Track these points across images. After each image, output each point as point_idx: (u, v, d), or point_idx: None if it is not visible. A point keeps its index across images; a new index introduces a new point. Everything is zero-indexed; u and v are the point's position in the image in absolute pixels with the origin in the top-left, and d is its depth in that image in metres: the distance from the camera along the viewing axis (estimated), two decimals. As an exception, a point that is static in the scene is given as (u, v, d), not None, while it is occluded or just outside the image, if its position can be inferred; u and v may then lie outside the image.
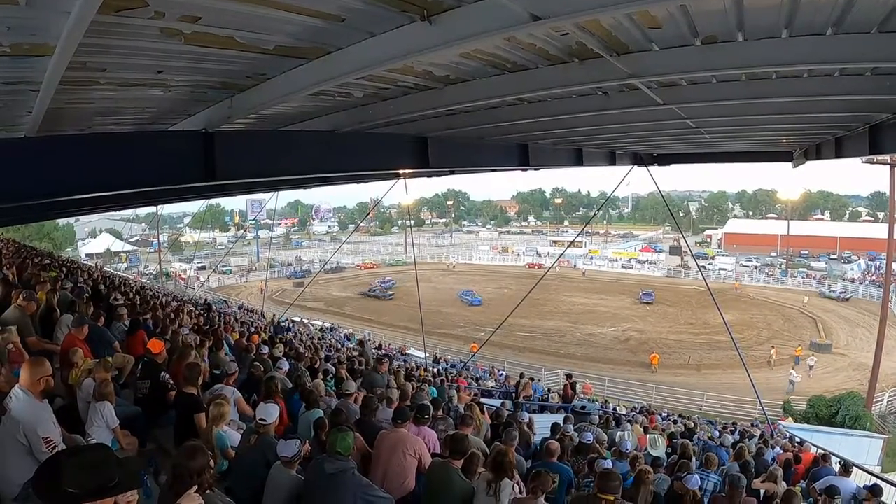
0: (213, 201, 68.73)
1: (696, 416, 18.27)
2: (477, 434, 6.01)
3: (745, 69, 4.04)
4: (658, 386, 25.84)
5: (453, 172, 12.44)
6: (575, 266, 60.23)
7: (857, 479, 8.42)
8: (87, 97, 4.14)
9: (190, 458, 2.64)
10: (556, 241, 74.58)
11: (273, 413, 4.20)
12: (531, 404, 13.91)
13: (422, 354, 24.46)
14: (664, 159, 11.95)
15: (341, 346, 21.96)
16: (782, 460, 8.83)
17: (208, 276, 48.47)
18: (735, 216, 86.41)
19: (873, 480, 7.82)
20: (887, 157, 23.03)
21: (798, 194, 61.51)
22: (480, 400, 11.14)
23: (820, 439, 13.89)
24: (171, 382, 5.54)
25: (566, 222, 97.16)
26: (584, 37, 3.33)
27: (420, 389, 8.17)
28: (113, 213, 49.17)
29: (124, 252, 66.37)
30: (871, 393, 22.45)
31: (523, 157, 8.77)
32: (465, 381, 17.57)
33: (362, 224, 79.56)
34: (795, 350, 30.11)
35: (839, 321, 37.28)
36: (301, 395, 5.74)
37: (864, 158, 21.16)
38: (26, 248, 26.32)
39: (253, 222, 77.80)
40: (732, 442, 10.30)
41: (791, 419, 20.33)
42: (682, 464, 6.31)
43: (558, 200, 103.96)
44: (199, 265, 61.52)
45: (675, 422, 14.91)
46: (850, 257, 60.19)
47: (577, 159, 10.31)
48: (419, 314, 20.80)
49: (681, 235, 46.25)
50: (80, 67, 3.16)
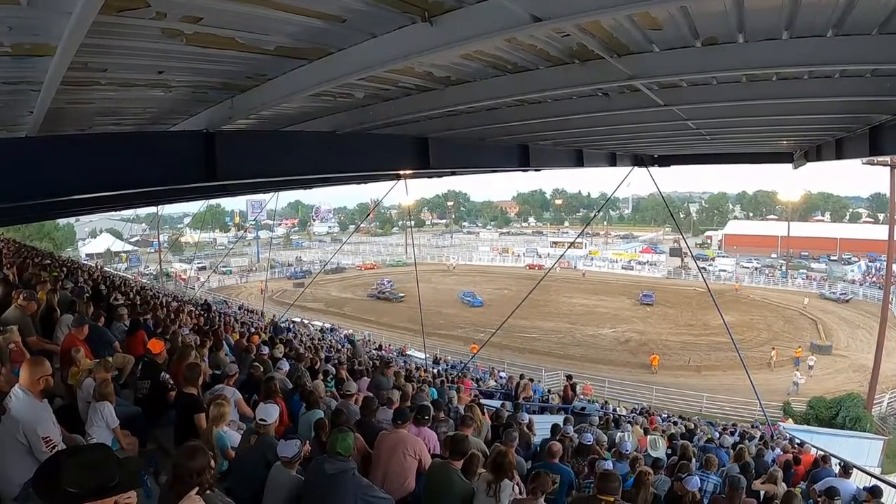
0: (214, 202, 68.94)
1: (696, 417, 18.26)
2: (477, 435, 6.01)
3: (746, 70, 4.04)
4: (658, 387, 25.83)
5: (454, 173, 12.46)
6: (575, 267, 60.22)
7: (857, 480, 8.41)
8: (88, 97, 4.15)
9: (190, 459, 2.63)
10: (556, 242, 74.55)
11: (273, 413, 4.20)
12: (531, 405, 13.92)
13: (422, 355, 24.46)
14: (664, 160, 11.95)
15: (341, 346, 21.96)
16: (782, 462, 8.83)
17: (208, 277, 48.50)
18: (735, 217, 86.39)
19: (873, 482, 7.81)
20: (887, 159, 23.04)
21: (798, 196, 61.44)
22: (481, 401, 11.14)
23: (820, 441, 13.87)
24: (172, 382, 5.54)
25: (566, 223, 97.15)
26: (585, 38, 3.34)
27: (420, 390, 8.17)
28: (113, 213, 49.11)
29: (124, 252, 66.41)
30: (872, 394, 22.45)
31: (524, 158, 8.77)
32: (469, 383, 17.57)
33: (363, 225, 79.50)
34: (796, 351, 30.11)
35: (839, 322, 37.28)
36: (301, 395, 5.75)
37: (865, 160, 21.18)
38: (26, 248, 26.32)
39: (253, 223, 77.87)
40: (732, 443, 10.30)
41: (791, 420, 20.32)
42: (682, 465, 6.31)
43: (559, 201, 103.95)
44: (200, 265, 61.51)
45: (675, 423, 14.91)
46: (850, 259, 60.17)
47: (578, 160, 10.31)
48: (419, 315, 20.81)
49: (681, 236, 46.29)
50: (82, 68, 3.17)
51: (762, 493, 6.70)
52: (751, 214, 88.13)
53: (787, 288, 49.10)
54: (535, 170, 11.15)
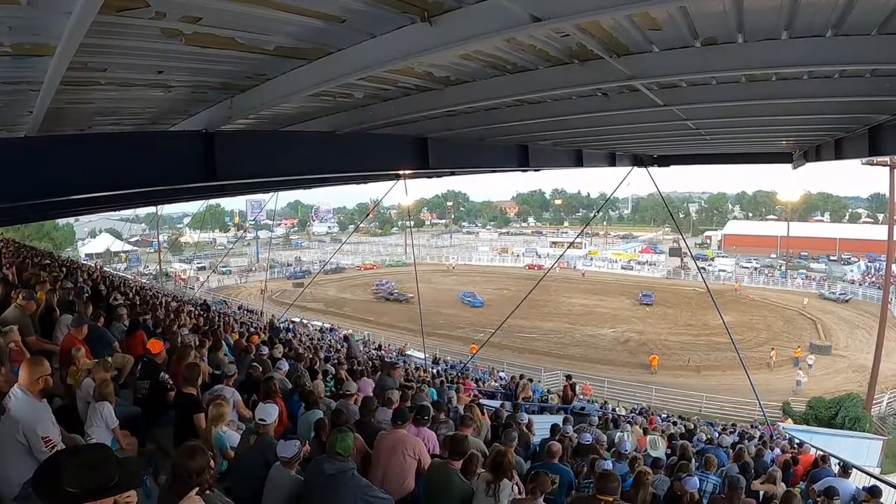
0: (213, 202, 68.90)
1: (695, 417, 18.26)
2: (477, 435, 6.01)
3: (745, 71, 4.04)
4: (657, 387, 25.84)
5: (453, 173, 12.46)
6: (575, 267, 60.21)
7: (857, 480, 8.41)
8: (88, 97, 4.15)
9: (190, 459, 2.64)
10: (555, 243, 74.54)
11: (272, 413, 4.20)
12: (530, 405, 13.91)
13: (421, 355, 24.47)
14: (664, 160, 11.96)
15: (340, 346, 21.95)
16: (781, 461, 8.83)
17: (208, 277, 48.41)
18: (735, 217, 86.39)
19: (872, 482, 7.82)
20: (887, 159, 23.06)
21: (798, 196, 61.45)
22: (481, 401, 11.14)
23: (819, 441, 13.88)
24: (171, 382, 5.53)
25: (566, 223, 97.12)
26: (585, 38, 3.34)
27: (419, 390, 8.16)
28: (113, 213, 49.15)
29: (124, 252, 66.41)
30: (871, 394, 22.46)
31: (523, 158, 8.77)
32: (470, 384, 17.55)
33: (362, 225, 79.53)
34: (795, 351, 30.14)
35: (839, 323, 37.29)
36: (301, 395, 5.74)
37: (864, 160, 21.22)
38: (26, 247, 26.31)
39: (253, 223, 77.79)
40: (732, 443, 10.30)
41: (791, 421, 20.32)
42: (681, 465, 6.32)
43: (558, 201, 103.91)
44: (199, 265, 61.51)
45: (674, 423, 14.91)
46: (849, 259, 60.17)
47: (577, 160, 10.32)
48: (419, 315, 20.81)
49: (680, 237, 46.32)
50: (81, 67, 3.17)
51: (761, 493, 6.71)
52: (750, 214, 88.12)
53: (786, 288, 49.10)
54: (535, 170, 11.15)
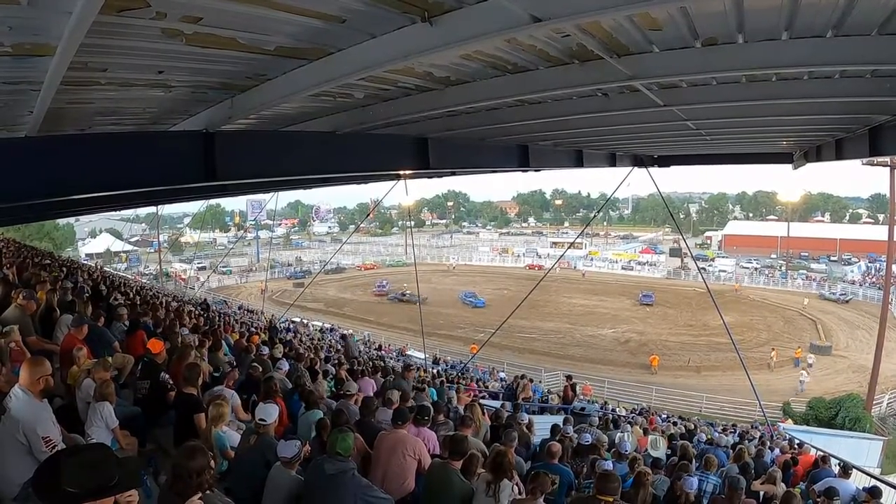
0: (214, 202, 68.83)
1: (695, 417, 18.25)
2: (476, 435, 6.01)
3: (746, 71, 4.04)
4: (658, 387, 25.84)
5: (454, 173, 12.47)
6: (575, 267, 60.18)
7: (857, 480, 8.41)
8: (88, 97, 4.15)
9: (190, 459, 2.63)
10: (556, 243, 74.48)
11: (273, 413, 4.20)
12: (531, 405, 13.90)
13: (421, 355, 24.47)
14: (664, 161, 11.96)
15: (340, 346, 21.95)
16: (782, 462, 8.82)
17: (208, 277, 48.44)
18: (735, 218, 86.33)
19: (873, 482, 7.82)
20: (887, 159, 23.03)
21: (798, 196, 61.39)
22: (482, 401, 11.13)
23: (819, 441, 13.87)
24: (171, 383, 5.53)
25: (566, 223, 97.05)
26: (585, 38, 3.34)
27: (419, 391, 8.16)
28: (113, 213, 49.09)
29: (124, 252, 66.38)
30: (871, 395, 22.45)
31: (523, 159, 8.77)
32: (473, 385, 17.54)
33: (362, 225, 79.50)
34: (795, 352, 30.12)
35: (839, 323, 37.27)
36: (301, 395, 5.74)
37: (865, 160, 21.17)
38: (26, 247, 26.31)
39: (253, 223, 77.80)
40: (732, 443, 10.29)
41: (791, 421, 20.31)
42: (681, 465, 6.31)
43: (558, 202, 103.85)
44: (200, 265, 61.51)
45: (674, 423, 14.90)
46: (850, 259, 60.13)
47: (578, 160, 10.32)
48: (419, 315, 20.81)
49: (681, 237, 46.30)
50: (82, 67, 3.17)
51: (761, 493, 6.70)
52: (750, 215, 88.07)
53: (786, 288, 49.08)
54: (535, 170, 11.16)
